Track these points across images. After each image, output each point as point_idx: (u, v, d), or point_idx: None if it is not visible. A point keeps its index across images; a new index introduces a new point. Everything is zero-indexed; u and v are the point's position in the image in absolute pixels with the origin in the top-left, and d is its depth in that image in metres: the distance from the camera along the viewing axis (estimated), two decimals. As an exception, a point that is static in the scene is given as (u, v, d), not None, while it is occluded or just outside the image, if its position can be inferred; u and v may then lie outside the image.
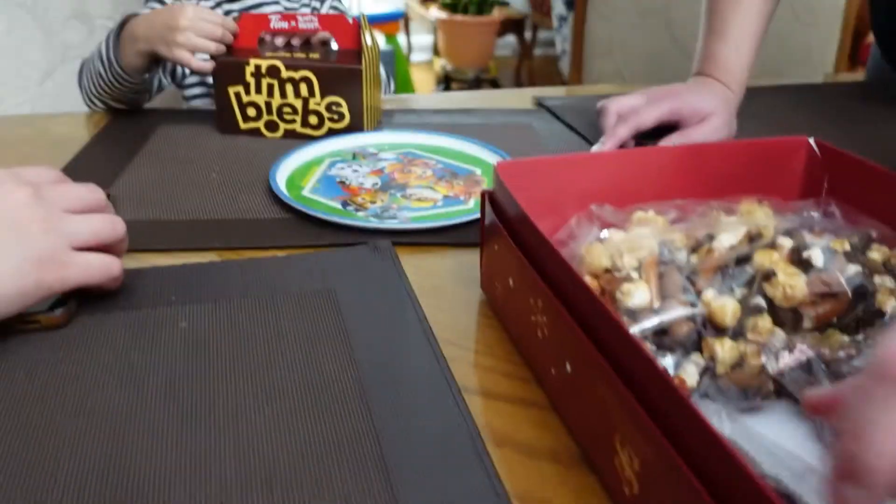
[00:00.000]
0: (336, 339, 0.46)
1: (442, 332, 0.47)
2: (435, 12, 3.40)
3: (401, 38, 3.64)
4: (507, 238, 0.42)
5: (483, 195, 0.47)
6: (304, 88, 0.76)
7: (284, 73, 0.76)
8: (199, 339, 0.46)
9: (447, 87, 3.50)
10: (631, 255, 0.41)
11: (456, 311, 0.50)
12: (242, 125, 0.79)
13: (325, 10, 1.07)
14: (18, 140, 0.80)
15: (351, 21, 0.80)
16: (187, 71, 0.97)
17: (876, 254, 0.44)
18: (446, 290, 0.52)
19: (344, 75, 0.75)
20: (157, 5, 0.96)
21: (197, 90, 1.00)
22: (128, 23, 0.82)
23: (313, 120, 0.78)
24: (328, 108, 0.77)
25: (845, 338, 0.40)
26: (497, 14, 3.38)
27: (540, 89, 1.00)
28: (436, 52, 3.77)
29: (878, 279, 0.42)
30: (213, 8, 0.98)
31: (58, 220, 0.46)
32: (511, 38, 3.90)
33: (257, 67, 0.76)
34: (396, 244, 0.57)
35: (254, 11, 0.97)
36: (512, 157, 0.72)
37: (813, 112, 0.94)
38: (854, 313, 0.42)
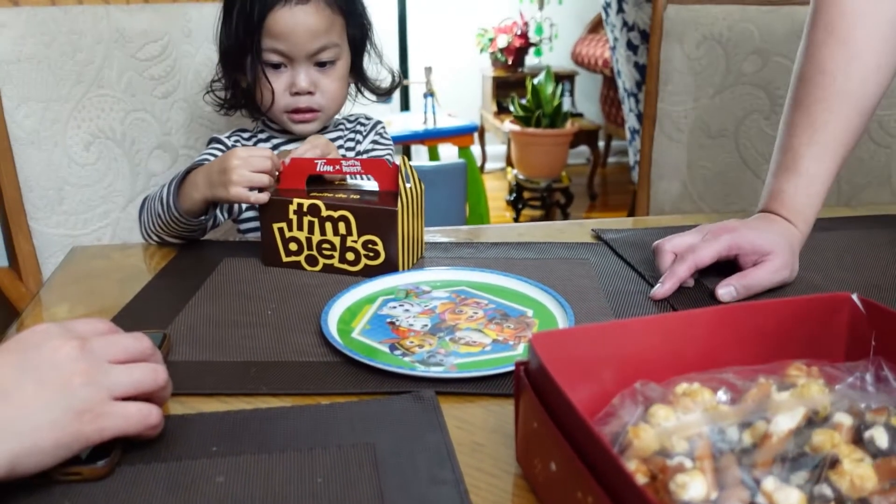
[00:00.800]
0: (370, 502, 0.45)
1: (479, 497, 0.45)
2: (508, 125, 3.49)
3: (475, 148, 3.73)
4: (550, 422, 0.41)
5: (518, 368, 0.46)
6: (342, 227, 0.79)
7: (324, 212, 0.79)
8: (234, 497, 0.46)
9: (519, 197, 3.54)
10: (681, 437, 0.39)
11: (495, 475, 0.48)
12: (285, 258, 0.82)
13: (366, 143, 1.09)
14: (91, 273, 0.84)
15: (391, 165, 0.82)
16: (243, 206, 1.00)
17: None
18: (487, 450, 0.50)
19: (380, 216, 0.77)
20: (217, 148, 1.01)
21: (252, 224, 1.03)
22: (190, 172, 0.88)
23: (350, 256, 0.80)
24: (364, 245, 0.79)
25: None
26: (570, 126, 3.43)
27: (600, 221, 1.00)
28: (509, 162, 3.84)
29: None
30: (262, 143, 1.04)
31: (100, 372, 0.47)
32: (584, 148, 3.95)
33: (299, 206, 0.79)
34: (440, 393, 0.56)
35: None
36: (564, 295, 0.71)
37: (885, 246, 0.90)
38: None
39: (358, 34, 1.02)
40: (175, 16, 1.22)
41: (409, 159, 3.83)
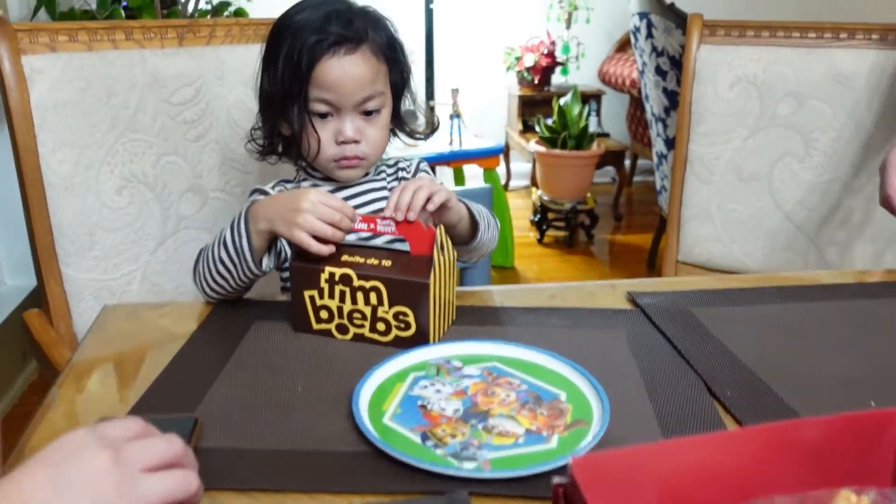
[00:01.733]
0: None
1: None
2: (533, 145, 3.47)
3: (500, 166, 3.72)
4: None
5: (556, 490, 0.44)
6: (373, 297, 0.78)
7: (356, 282, 0.78)
8: None
9: (543, 218, 3.52)
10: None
11: None
12: (315, 326, 0.82)
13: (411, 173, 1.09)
14: (122, 335, 0.84)
15: (426, 228, 0.81)
16: (289, 252, 1.00)
17: None
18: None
19: (412, 289, 0.77)
20: (283, 187, 1.01)
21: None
22: (250, 207, 0.88)
23: (381, 327, 0.79)
24: (395, 317, 0.78)
25: None
26: (597, 148, 3.41)
27: (631, 282, 0.98)
28: (533, 181, 3.82)
29: None
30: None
31: (133, 484, 0.46)
32: (609, 167, 3.92)
33: (331, 275, 0.79)
34: (474, 494, 0.55)
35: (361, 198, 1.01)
36: (599, 375, 0.69)
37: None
38: None
39: (399, 81, 1.01)
40: (208, 58, 1.23)
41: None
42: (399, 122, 1.04)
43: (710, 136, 1.46)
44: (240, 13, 2.41)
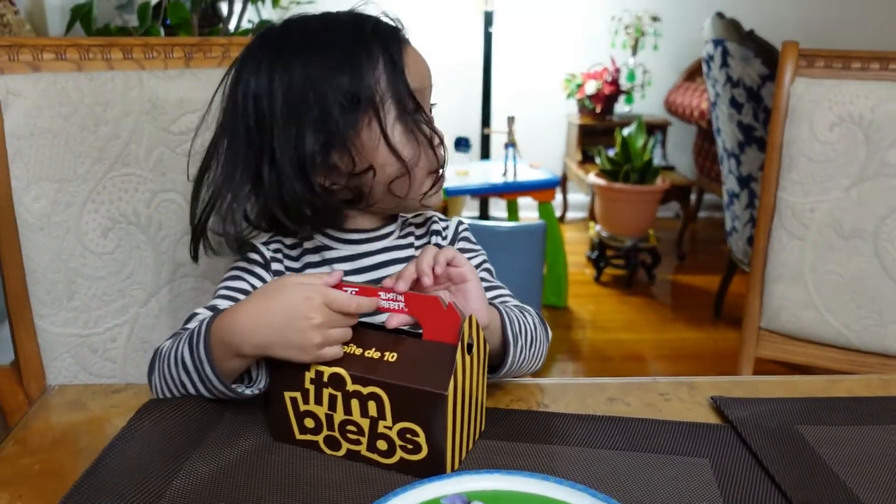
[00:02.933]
0: None
1: None
2: (593, 177, 3.25)
3: (556, 197, 3.51)
4: None
5: None
6: (372, 407, 0.58)
7: (349, 386, 0.58)
8: None
9: (601, 255, 3.29)
10: None
11: None
12: (298, 436, 0.62)
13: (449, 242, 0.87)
14: (57, 431, 0.67)
15: (445, 307, 0.61)
16: None
17: None
18: None
19: (423, 399, 0.57)
20: (254, 262, 0.80)
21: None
22: (214, 324, 0.64)
23: (382, 445, 0.59)
24: (400, 434, 0.58)
25: None
26: (661, 182, 3.18)
27: (716, 380, 0.76)
28: (591, 214, 3.60)
29: None
30: (310, 255, 0.81)
31: None
32: (674, 202, 3.67)
33: (318, 374, 0.59)
34: None
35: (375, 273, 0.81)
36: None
37: None
38: None
39: None
40: (217, 82, 1.06)
41: (487, 213, 3.63)
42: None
43: (804, 184, 1.24)
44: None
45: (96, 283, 0.99)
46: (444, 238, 0.86)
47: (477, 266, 0.83)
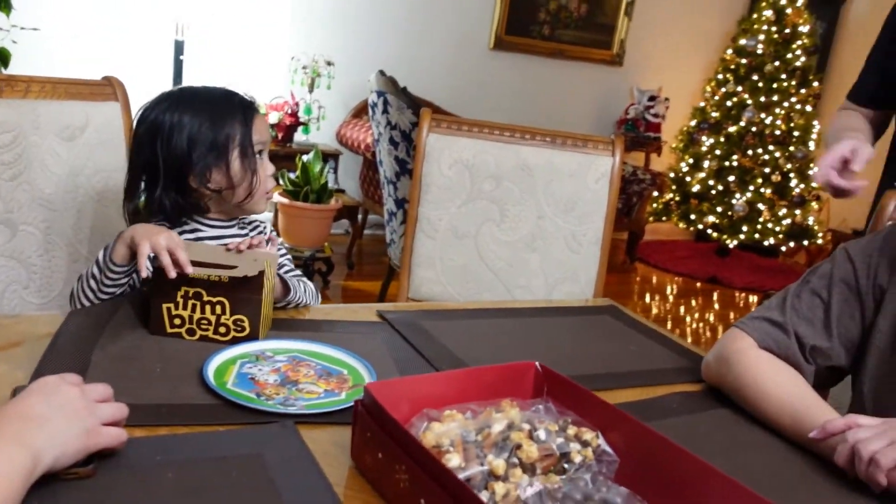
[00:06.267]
0: (260, 488, 0.76)
1: (332, 480, 0.78)
2: (277, 196, 3.78)
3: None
4: (378, 429, 0.76)
5: (357, 403, 0.80)
6: (218, 308, 1.08)
7: (205, 297, 1.08)
8: (169, 486, 0.74)
9: (285, 263, 3.83)
10: (446, 436, 0.76)
11: (338, 468, 0.81)
12: (169, 330, 1.09)
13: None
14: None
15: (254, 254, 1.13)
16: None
17: (571, 430, 0.82)
18: (332, 453, 0.84)
19: (249, 302, 1.08)
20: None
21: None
22: (121, 234, 1.13)
23: (222, 330, 1.09)
24: (234, 322, 1.09)
25: (557, 478, 0.77)
26: (335, 202, 3.82)
27: (381, 305, 1.37)
28: (275, 229, 4.12)
29: (572, 445, 0.80)
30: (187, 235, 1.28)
31: (94, 408, 0.74)
32: (344, 220, 4.35)
33: (186, 292, 1.07)
34: (298, 423, 0.88)
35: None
36: (363, 362, 1.06)
37: (568, 327, 1.38)
38: (560, 464, 0.78)
39: None
40: (25, 109, 1.42)
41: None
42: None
43: (434, 202, 1.92)
44: (3, 53, 2.46)
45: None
46: (262, 232, 1.38)
47: (283, 255, 1.36)
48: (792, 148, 5.23)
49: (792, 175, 5.25)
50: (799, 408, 1.03)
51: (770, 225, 5.25)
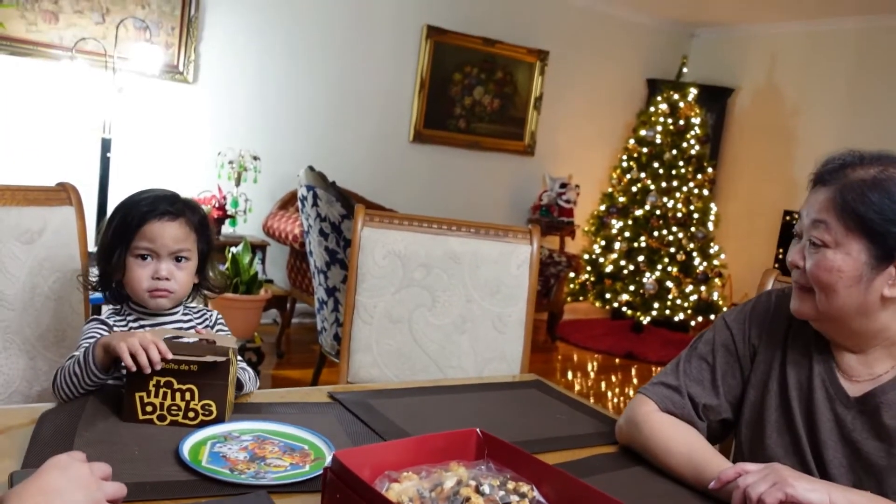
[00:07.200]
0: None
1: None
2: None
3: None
4: (349, 490, 0.89)
5: (326, 470, 0.93)
6: (187, 395, 1.19)
7: (176, 386, 1.19)
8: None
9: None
10: (405, 494, 0.89)
11: (312, 528, 0.93)
12: (141, 417, 1.19)
13: (217, 328, 1.49)
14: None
15: (219, 343, 1.25)
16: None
17: (510, 485, 0.96)
18: (304, 517, 0.95)
19: (216, 388, 1.20)
20: (101, 324, 1.36)
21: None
22: (99, 342, 1.24)
23: (191, 415, 1.20)
24: (203, 407, 1.20)
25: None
26: (264, 293, 3.90)
27: (331, 387, 1.49)
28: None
29: (512, 497, 0.94)
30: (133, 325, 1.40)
31: (100, 484, 0.84)
32: (273, 310, 4.42)
33: (158, 381, 1.18)
34: (270, 492, 1.00)
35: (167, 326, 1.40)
36: (322, 437, 1.18)
37: (500, 401, 1.53)
38: (501, 516, 0.92)
39: (205, 249, 1.46)
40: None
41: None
42: (203, 278, 1.47)
43: (371, 290, 2.07)
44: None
45: None
46: (207, 319, 1.50)
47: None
48: (693, 229, 5.64)
49: (695, 254, 5.63)
50: (699, 462, 1.21)
51: (679, 301, 5.59)
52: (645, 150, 5.72)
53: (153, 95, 4.39)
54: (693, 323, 5.80)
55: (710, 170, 5.79)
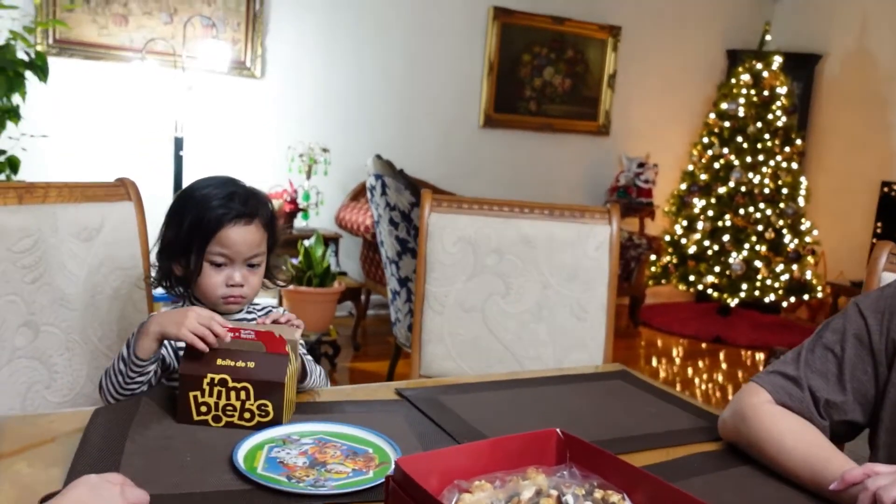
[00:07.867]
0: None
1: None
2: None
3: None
4: (412, 502, 0.78)
5: (388, 479, 0.82)
6: (243, 394, 1.11)
7: (230, 384, 1.11)
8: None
9: (291, 349, 3.84)
10: (478, 506, 0.79)
11: (375, 544, 0.83)
12: (195, 417, 1.11)
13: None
14: (23, 437, 1.06)
15: (278, 336, 1.16)
16: (171, 365, 1.29)
17: (598, 493, 0.84)
18: (367, 531, 0.86)
19: (272, 387, 1.11)
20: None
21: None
22: (141, 326, 1.18)
23: (247, 416, 1.12)
24: (259, 407, 1.12)
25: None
26: (338, 285, 3.86)
27: (398, 383, 1.40)
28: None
29: (600, 509, 0.82)
30: None
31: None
32: (348, 302, 4.39)
33: (212, 379, 1.10)
34: (329, 502, 0.90)
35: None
36: (387, 439, 1.08)
37: (582, 393, 1.40)
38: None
39: (272, 244, 1.39)
40: (44, 214, 1.47)
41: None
42: (269, 273, 1.40)
43: (440, 279, 1.96)
44: (12, 161, 2.55)
45: (-45, 364, 1.32)
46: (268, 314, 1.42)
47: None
48: (782, 205, 5.33)
49: (785, 231, 5.33)
50: (817, 460, 1.05)
51: (769, 282, 5.30)
52: (727, 124, 5.43)
53: (222, 92, 4.40)
54: (785, 304, 5.50)
55: (798, 142, 5.46)
